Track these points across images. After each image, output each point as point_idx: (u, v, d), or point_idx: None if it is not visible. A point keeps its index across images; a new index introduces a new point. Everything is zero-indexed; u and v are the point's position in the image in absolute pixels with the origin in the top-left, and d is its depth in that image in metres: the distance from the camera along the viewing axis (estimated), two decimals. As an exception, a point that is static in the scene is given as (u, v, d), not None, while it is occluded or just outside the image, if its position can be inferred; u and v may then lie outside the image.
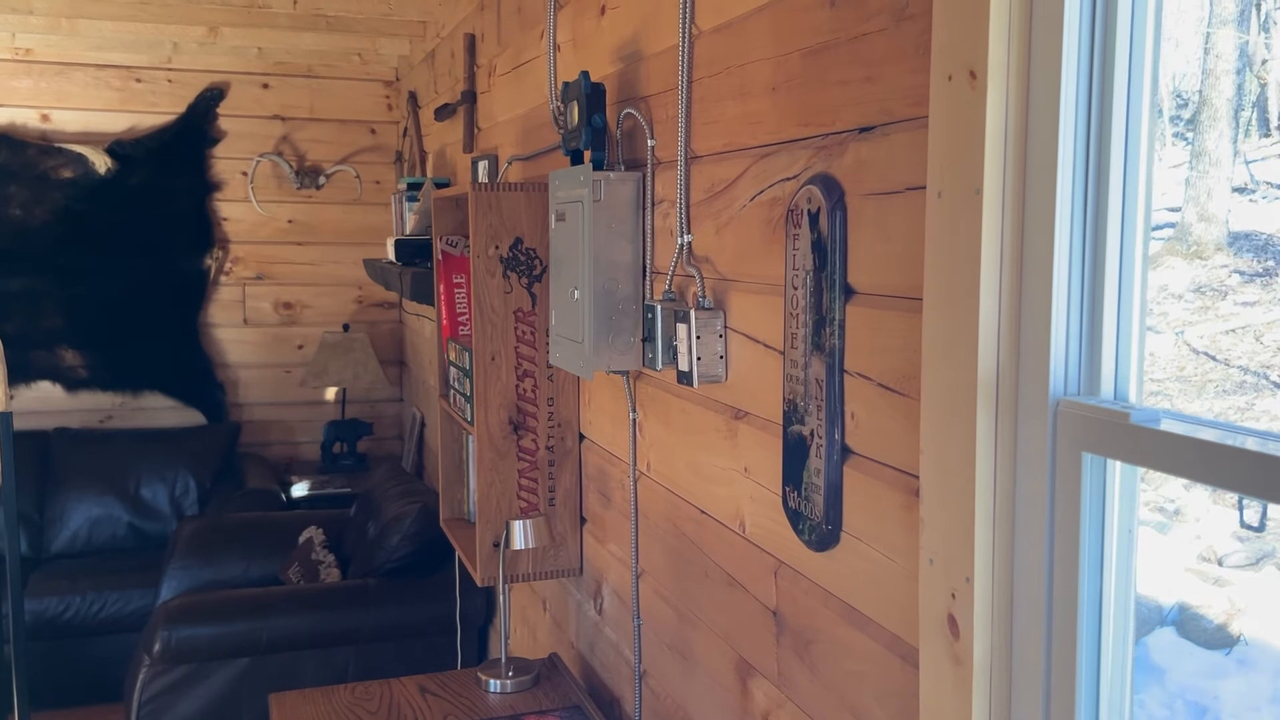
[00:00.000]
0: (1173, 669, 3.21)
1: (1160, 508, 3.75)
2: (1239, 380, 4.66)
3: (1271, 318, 5.07)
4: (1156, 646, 3.25)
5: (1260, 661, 3.14)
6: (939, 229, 1.03)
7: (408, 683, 2.26)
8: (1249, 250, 5.33)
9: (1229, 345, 5.04)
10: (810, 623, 1.37)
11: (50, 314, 4.56)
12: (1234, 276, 5.36)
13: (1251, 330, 5.00)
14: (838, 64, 1.26)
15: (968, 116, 0.99)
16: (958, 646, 1.04)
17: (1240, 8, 5.61)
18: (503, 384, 2.28)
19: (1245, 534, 3.46)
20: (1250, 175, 5.56)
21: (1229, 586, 3.34)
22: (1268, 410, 4.44)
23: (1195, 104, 5.48)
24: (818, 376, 1.29)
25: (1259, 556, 3.44)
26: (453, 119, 3.61)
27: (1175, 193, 5.40)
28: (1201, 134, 5.46)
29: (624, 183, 1.88)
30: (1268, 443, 0.80)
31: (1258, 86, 5.67)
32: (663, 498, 1.87)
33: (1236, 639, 3.15)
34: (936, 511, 1.06)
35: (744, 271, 1.52)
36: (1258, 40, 5.63)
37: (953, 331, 1.02)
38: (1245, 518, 3.18)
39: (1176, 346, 4.91)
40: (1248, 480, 0.79)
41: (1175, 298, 5.14)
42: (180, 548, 3.53)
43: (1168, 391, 4.63)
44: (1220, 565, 3.43)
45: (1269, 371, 4.70)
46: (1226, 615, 3.21)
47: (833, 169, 1.28)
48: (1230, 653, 3.14)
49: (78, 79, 4.57)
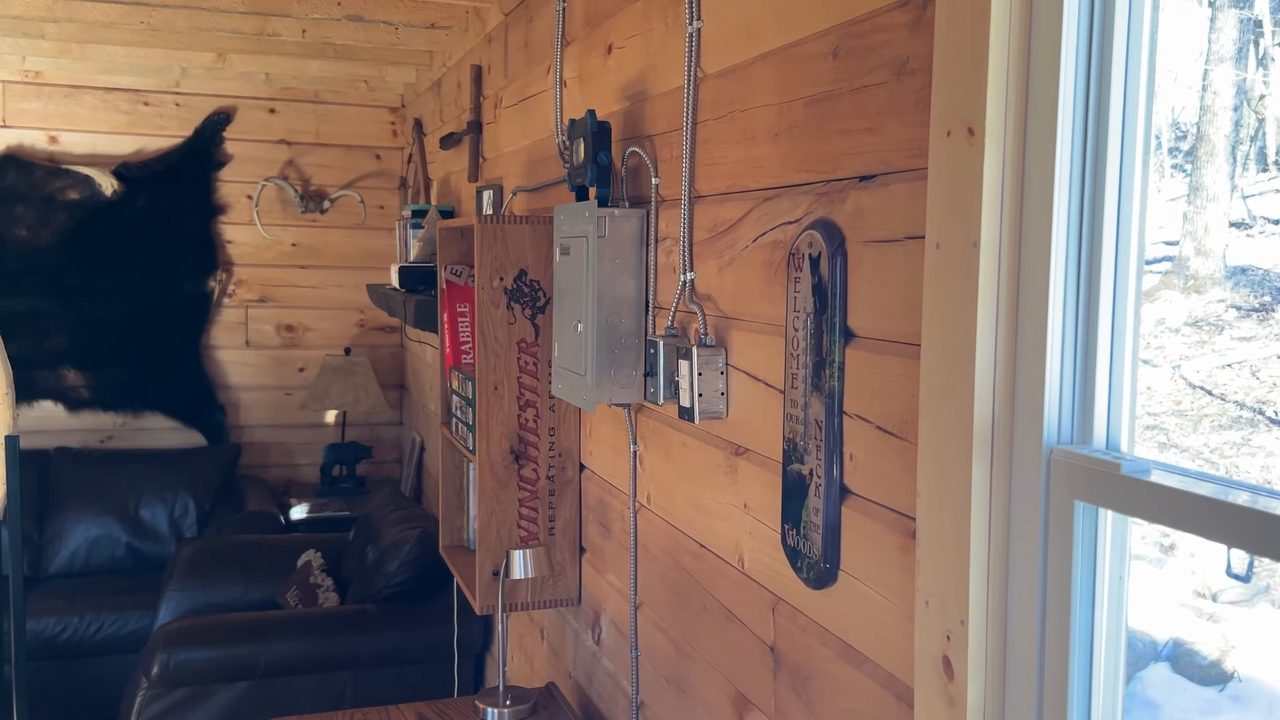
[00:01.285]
0: (1166, 705, 3.21)
1: (1156, 543, 3.77)
2: (1235, 415, 4.68)
3: (1268, 353, 5.10)
4: (1151, 682, 3.26)
5: (1254, 698, 3.15)
6: (937, 279, 1.06)
7: (406, 710, 2.27)
8: (1246, 285, 5.37)
9: (1225, 380, 5.08)
10: (807, 660, 1.39)
11: (54, 334, 4.58)
12: (1231, 311, 5.39)
13: (1248, 365, 5.03)
14: (839, 114, 1.29)
15: (965, 171, 1.02)
16: (952, 687, 1.06)
17: (1238, 45, 5.68)
18: (505, 413, 2.31)
19: (1240, 571, 3.48)
20: (1248, 210, 5.60)
21: (1223, 623, 3.35)
22: (1263, 446, 4.47)
23: (1193, 137, 5.53)
24: (817, 417, 1.32)
25: (1253, 594, 3.45)
26: (458, 148, 3.65)
27: (1173, 226, 5.44)
28: (1199, 168, 5.51)
29: (628, 219, 1.91)
30: (1258, 498, 0.82)
31: (1255, 121, 5.73)
32: (662, 530, 1.89)
33: (1230, 675, 3.16)
34: (932, 554, 1.08)
35: (745, 311, 1.55)
36: (1255, 76, 5.69)
37: (950, 379, 1.05)
38: (1232, 567, 3.20)
39: (1173, 380, 4.94)
40: (1236, 534, 0.81)
41: (1172, 331, 5.17)
42: (179, 570, 3.54)
43: (1164, 425, 4.65)
44: (1214, 601, 3.44)
45: (1265, 407, 4.73)
46: (1220, 651, 3.22)
47: (834, 215, 1.31)
48: (1224, 689, 3.15)
49: (86, 102, 4.61)
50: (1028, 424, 1.00)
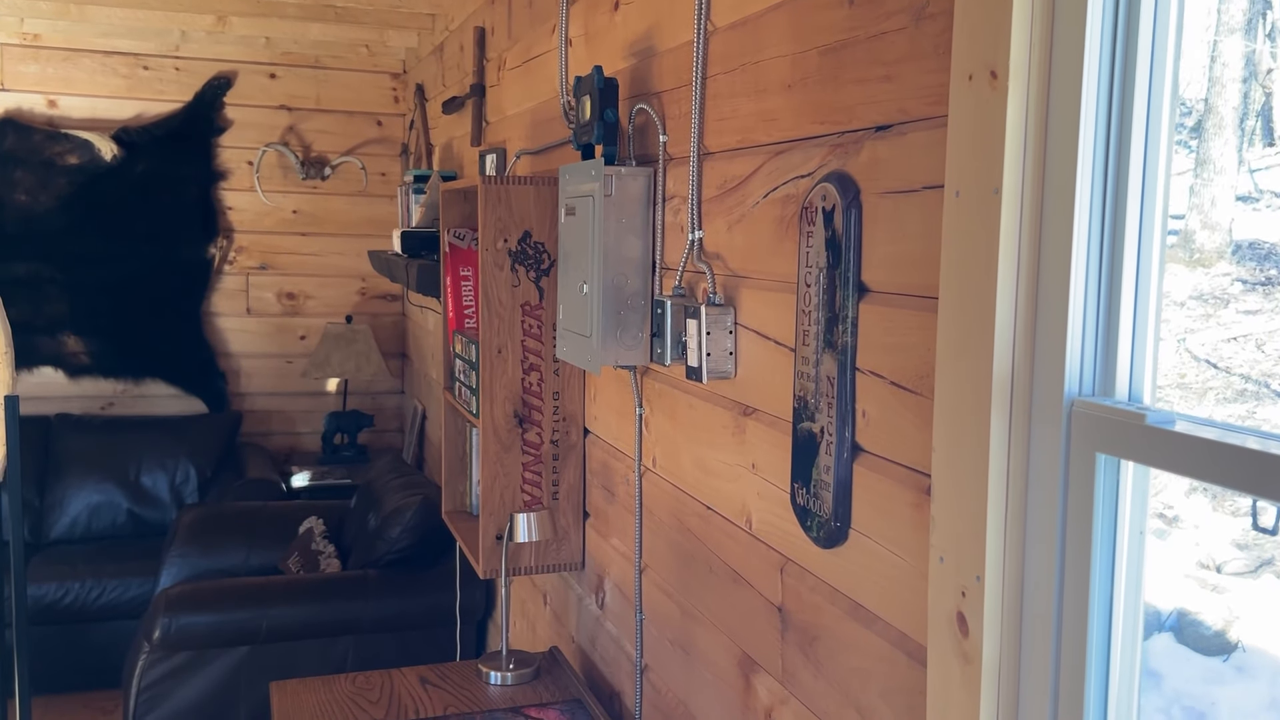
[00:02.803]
0: (1170, 675, 3.21)
1: (1159, 514, 3.75)
2: (1240, 388, 4.66)
3: (1273, 327, 5.08)
4: (1155, 652, 3.26)
5: (1257, 668, 3.14)
6: (956, 228, 1.03)
7: (408, 673, 2.26)
8: (1252, 259, 5.33)
9: (1230, 353, 5.05)
10: (816, 619, 1.38)
11: (54, 300, 4.56)
12: (1236, 285, 5.36)
13: (1253, 339, 5.01)
14: (855, 62, 1.26)
15: (988, 116, 0.99)
16: (966, 644, 1.04)
17: (1247, 16, 5.61)
18: (508, 377, 2.28)
19: (1244, 541, 3.47)
20: (1254, 184, 5.56)
21: (1227, 593, 3.34)
22: (1268, 418, 4.45)
23: (1200, 111, 5.48)
24: (829, 374, 1.29)
25: (1258, 564, 3.44)
26: (461, 112, 3.61)
27: (1179, 200, 5.40)
28: (1206, 142, 5.46)
29: (635, 178, 1.88)
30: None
31: (1263, 95, 5.68)
32: (668, 493, 1.87)
33: (1234, 645, 3.16)
34: (947, 509, 1.06)
35: (755, 268, 1.53)
36: (1263, 49, 5.63)
37: (968, 331, 1.02)
38: (1260, 521, 3.18)
39: (1178, 353, 4.92)
40: (1264, 483, 0.79)
41: (1177, 304, 5.14)
42: (180, 535, 3.53)
43: (1168, 398, 4.63)
44: (1219, 572, 3.43)
45: (1270, 380, 4.70)
46: (1224, 622, 3.22)
47: (848, 167, 1.28)
48: (1228, 659, 3.14)
49: (85, 65, 4.57)
50: (1048, 376, 0.98)
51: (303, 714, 2.08)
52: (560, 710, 2.10)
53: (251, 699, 3.02)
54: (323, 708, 2.10)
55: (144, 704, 2.95)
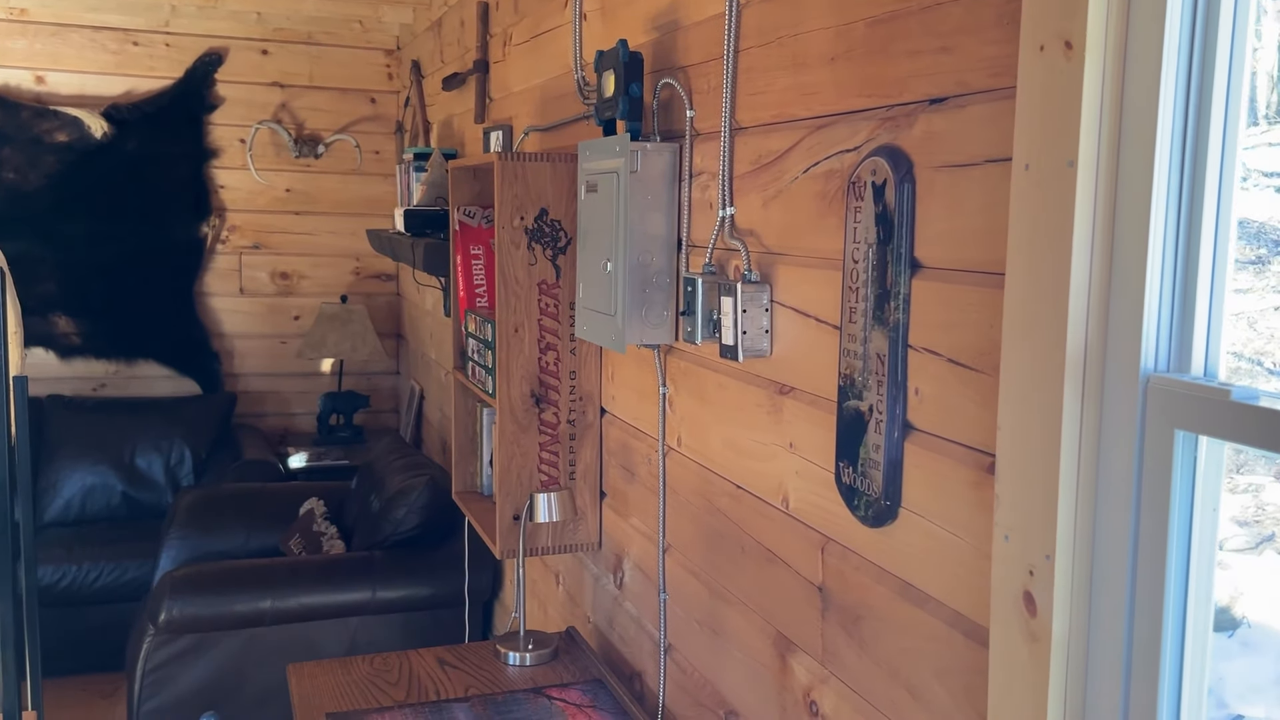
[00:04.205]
0: (1176, 650, 3.23)
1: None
2: (1233, 367, 4.71)
3: (1264, 305, 5.12)
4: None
5: (1263, 644, 3.17)
6: (1026, 202, 1.02)
7: (426, 655, 2.25)
8: (1241, 237, 5.37)
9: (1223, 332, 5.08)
10: (861, 599, 1.37)
11: (44, 280, 4.49)
12: (1228, 263, 5.39)
13: (1245, 317, 5.05)
14: (907, 34, 1.24)
15: (1061, 87, 0.97)
16: (1034, 624, 1.03)
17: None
18: (525, 356, 2.26)
19: (1245, 518, 3.49)
20: (1243, 163, 5.59)
21: (1231, 569, 3.37)
22: (1264, 396, 4.47)
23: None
24: (879, 351, 1.28)
25: (1259, 540, 3.47)
26: (462, 89, 3.56)
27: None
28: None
29: (660, 154, 1.85)
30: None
31: (1249, 74, 5.70)
32: (694, 473, 1.86)
33: (1240, 622, 3.19)
34: (1015, 488, 1.05)
35: (794, 245, 1.51)
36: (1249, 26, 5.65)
37: (1038, 307, 1.01)
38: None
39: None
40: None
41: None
42: (179, 517, 3.50)
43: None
44: (1221, 549, 3.46)
45: (1263, 358, 4.75)
46: (1229, 598, 3.24)
47: (899, 140, 1.26)
48: (1233, 635, 3.17)
49: (74, 40, 4.48)
50: (1123, 352, 0.97)
51: (321, 696, 2.06)
52: (582, 690, 2.09)
53: (258, 681, 2.99)
54: (342, 689, 2.08)
55: (149, 687, 2.92)
